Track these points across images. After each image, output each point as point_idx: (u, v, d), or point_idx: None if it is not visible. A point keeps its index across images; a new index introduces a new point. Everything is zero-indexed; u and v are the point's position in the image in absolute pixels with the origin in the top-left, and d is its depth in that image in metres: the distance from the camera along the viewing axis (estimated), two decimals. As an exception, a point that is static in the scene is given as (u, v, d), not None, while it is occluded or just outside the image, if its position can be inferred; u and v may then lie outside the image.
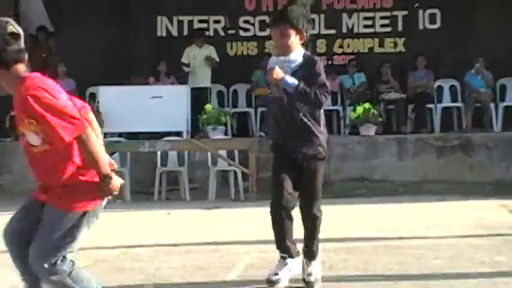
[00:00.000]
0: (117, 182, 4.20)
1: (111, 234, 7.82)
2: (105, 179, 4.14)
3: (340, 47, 15.53)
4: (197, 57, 14.32)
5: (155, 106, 13.10)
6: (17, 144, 13.73)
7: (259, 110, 14.28)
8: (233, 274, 6.13)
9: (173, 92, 13.74)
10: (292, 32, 5.41)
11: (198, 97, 13.99)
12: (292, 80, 5.36)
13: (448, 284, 5.65)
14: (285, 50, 5.44)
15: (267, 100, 13.84)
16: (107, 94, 13.32)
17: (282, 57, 5.47)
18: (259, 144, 12.05)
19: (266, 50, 14.68)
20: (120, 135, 13.42)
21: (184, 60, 14.38)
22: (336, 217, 9.47)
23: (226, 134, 13.69)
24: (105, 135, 12.96)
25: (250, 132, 14.39)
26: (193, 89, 14.02)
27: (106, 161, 4.21)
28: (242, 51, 15.59)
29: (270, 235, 5.68)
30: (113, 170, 4.24)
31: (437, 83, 14.67)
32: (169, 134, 13.33)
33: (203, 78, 14.37)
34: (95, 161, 4.12)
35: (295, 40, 5.44)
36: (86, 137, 4.08)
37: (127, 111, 12.93)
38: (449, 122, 14.31)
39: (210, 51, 14.36)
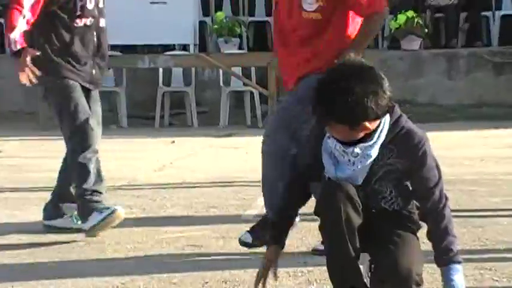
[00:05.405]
0: None
1: (105, 165, 7.80)
2: None
3: None
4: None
5: (157, 13, 12.99)
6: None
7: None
8: (249, 213, 6.08)
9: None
10: None
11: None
12: None
13: (503, 228, 5.59)
14: None
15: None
16: None
17: None
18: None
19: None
20: (113, 48, 13.33)
21: None
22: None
23: (241, 47, 13.60)
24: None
25: (269, 46, 14.28)
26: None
27: None
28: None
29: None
30: None
31: (496, -13, 14.46)
32: (173, 47, 13.25)
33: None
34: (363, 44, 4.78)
35: None
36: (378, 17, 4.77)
37: (123, 20, 12.78)
38: (510, 34, 14.13)
39: None
